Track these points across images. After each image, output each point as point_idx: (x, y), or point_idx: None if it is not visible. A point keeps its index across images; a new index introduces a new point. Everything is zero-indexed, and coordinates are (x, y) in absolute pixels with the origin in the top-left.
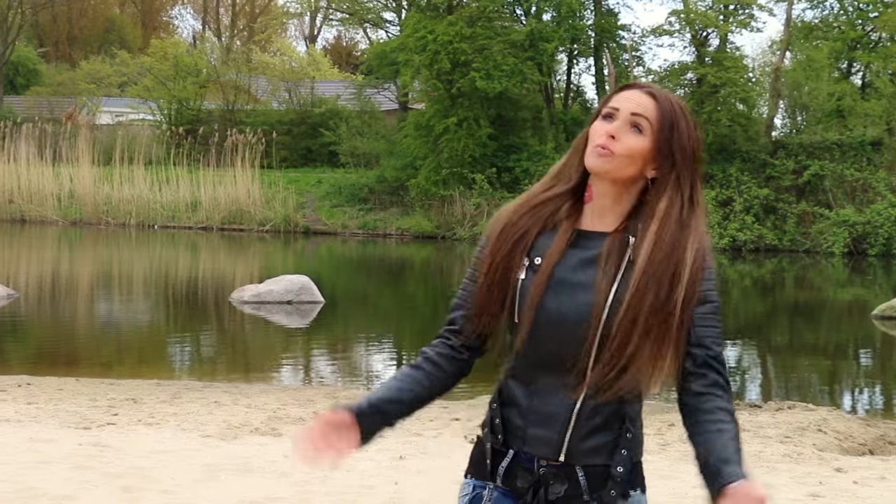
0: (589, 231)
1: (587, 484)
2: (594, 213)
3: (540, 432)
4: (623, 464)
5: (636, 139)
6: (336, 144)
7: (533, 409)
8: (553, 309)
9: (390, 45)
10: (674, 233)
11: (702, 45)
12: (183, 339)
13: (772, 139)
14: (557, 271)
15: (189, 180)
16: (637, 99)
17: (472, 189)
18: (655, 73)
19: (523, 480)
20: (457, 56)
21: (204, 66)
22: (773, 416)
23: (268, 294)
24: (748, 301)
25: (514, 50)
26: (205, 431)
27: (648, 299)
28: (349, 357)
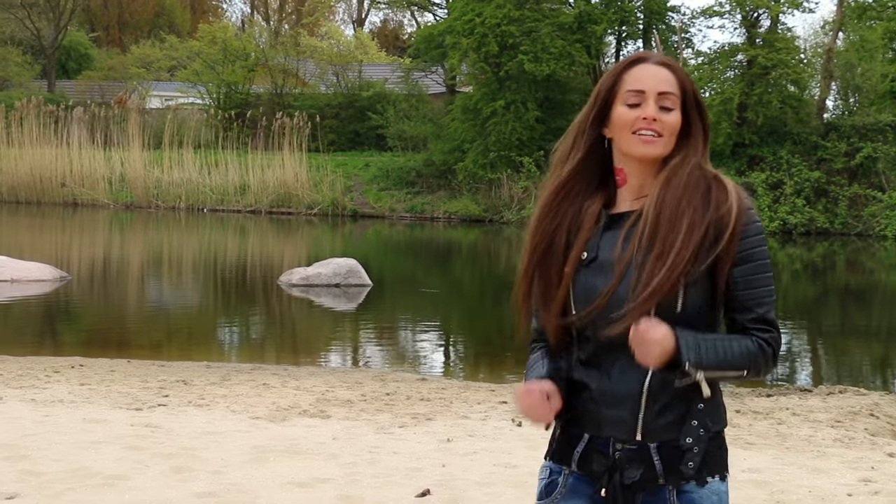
0: (623, 213)
1: (662, 467)
2: (630, 192)
3: (614, 414)
4: (692, 435)
5: (671, 116)
6: (383, 128)
7: (604, 392)
8: (602, 291)
9: (438, 27)
10: (685, 186)
11: (752, 26)
12: (232, 322)
13: (823, 121)
14: (601, 255)
15: (238, 164)
16: (657, 75)
17: (520, 172)
18: (705, 55)
19: (599, 465)
20: (504, 39)
21: (252, 50)
22: (824, 401)
23: (316, 277)
24: (798, 285)
25: (562, 32)
26: (254, 413)
27: (677, 254)
28: (396, 340)
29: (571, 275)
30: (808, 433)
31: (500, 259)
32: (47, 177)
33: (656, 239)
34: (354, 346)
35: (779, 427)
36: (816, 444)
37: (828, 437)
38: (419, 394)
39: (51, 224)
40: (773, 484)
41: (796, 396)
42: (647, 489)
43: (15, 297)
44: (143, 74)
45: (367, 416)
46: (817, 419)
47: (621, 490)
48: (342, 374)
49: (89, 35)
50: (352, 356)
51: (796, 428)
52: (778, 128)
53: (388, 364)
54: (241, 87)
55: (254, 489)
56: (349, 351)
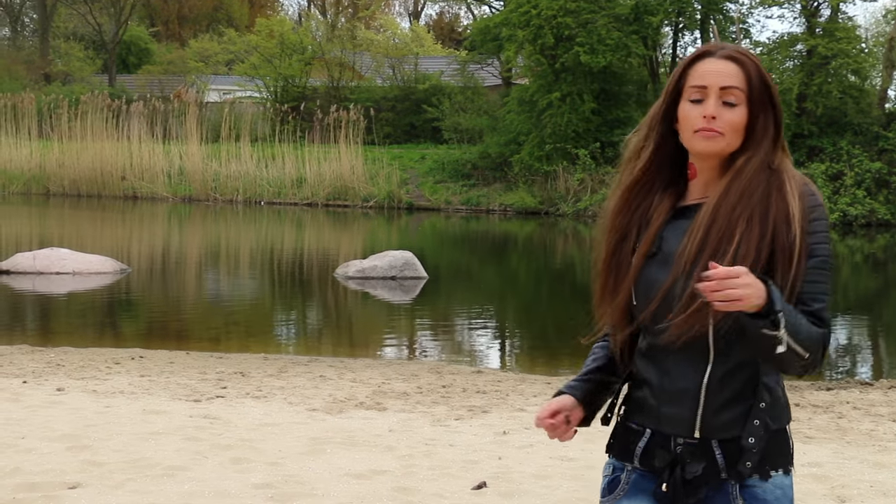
0: (691, 204)
1: (724, 461)
2: (701, 185)
3: (673, 410)
4: (755, 434)
5: (734, 113)
6: (439, 120)
7: (664, 388)
8: (664, 283)
9: (493, 20)
10: (750, 180)
11: (812, 15)
12: (289, 314)
13: (885, 111)
14: (665, 248)
15: (294, 157)
16: (721, 69)
17: (576, 164)
18: (764, 45)
19: (660, 460)
20: (560, 30)
21: (309, 44)
22: (886, 395)
23: (372, 270)
24: (859, 277)
25: (618, 24)
26: (311, 405)
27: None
28: (452, 333)
29: (638, 267)
30: (869, 427)
31: (556, 252)
32: (108, 170)
33: (705, 249)
34: (410, 339)
35: (839, 421)
36: (878, 439)
37: (889, 432)
38: (475, 386)
39: (111, 217)
40: (833, 478)
41: (857, 390)
42: (709, 484)
43: (77, 290)
44: (201, 68)
45: (423, 408)
46: (879, 413)
47: (682, 485)
48: (398, 366)
49: (149, 30)
50: (408, 348)
51: (857, 422)
52: (838, 118)
53: (444, 356)
54: (297, 80)
55: (311, 481)
56: (405, 343)
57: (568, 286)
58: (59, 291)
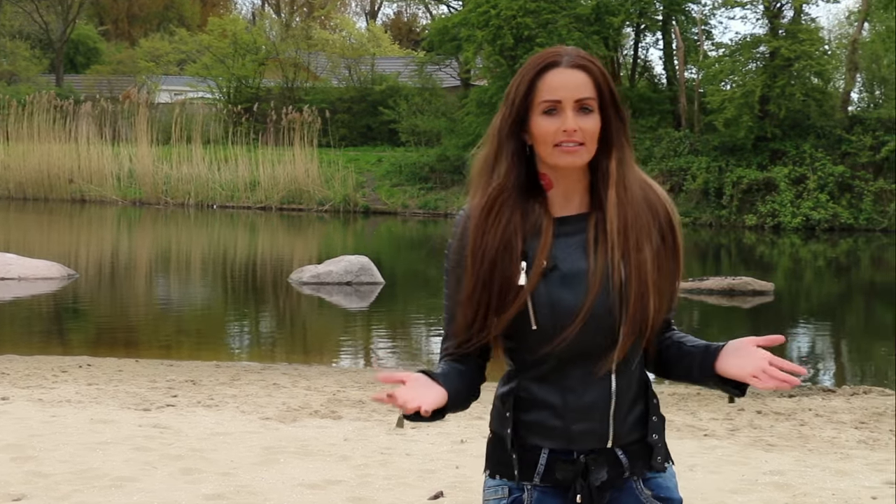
0: (568, 216)
1: (628, 461)
2: (561, 196)
3: (585, 426)
4: (656, 430)
5: (590, 121)
6: (396, 122)
7: (570, 406)
8: (572, 303)
9: (452, 20)
10: (631, 189)
11: (775, 16)
12: (241, 321)
13: (848, 114)
14: (562, 265)
15: (248, 159)
16: (573, 81)
17: None
18: (726, 47)
19: (564, 472)
20: (520, 31)
21: (263, 44)
22: (848, 401)
23: (327, 275)
24: (822, 282)
25: (579, 24)
26: (264, 414)
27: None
28: (409, 339)
29: (534, 286)
30: (831, 435)
31: None
32: (55, 173)
33: (619, 264)
34: (366, 346)
35: (801, 428)
36: (840, 446)
37: (852, 439)
38: None
39: (58, 221)
40: (795, 487)
41: (819, 397)
42: (614, 486)
43: (22, 296)
44: (151, 69)
45: (379, 416)
46: (841, 420)
47: (590, 493)
48: (354, 373)
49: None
50: (364, 356)
51: (819, 429)
52: (801, 121)
53: (401, 364)
54: (251, 81)
55: (264, 491)
56: (361, 350)
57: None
58: (3, 297)
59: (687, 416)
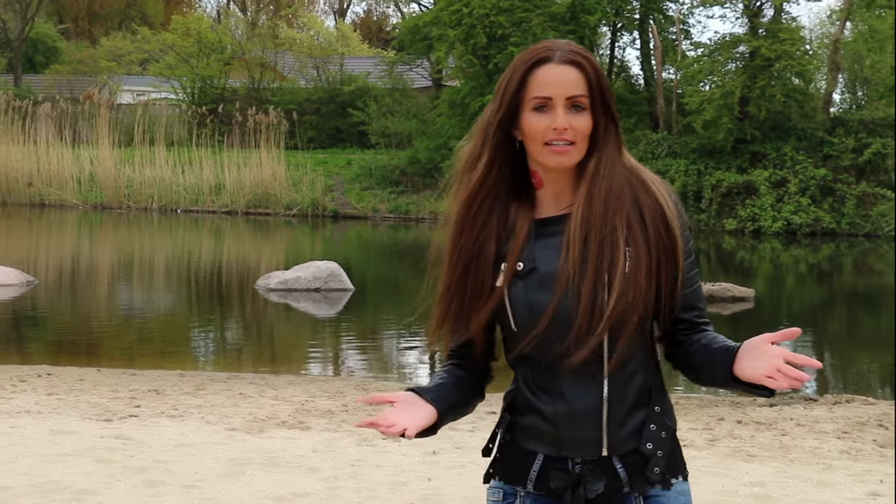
0: (551, 217)
1: (627, 475)
2: (551, 196)
3: (576, 434)
4: (653, 439)
5: (581, 119)
6: (366, 124)
7: (560, 412)
8: (549, 305)
9: (423, 18)
10: (610, 182)
11: (755, 15)
12: (207, 329)
13: (830, 116)
14: (541, 266)
15: (213, 162)
16: (564, 78)
17: None
18: (704, 47)
19: (558, 481)
20: (493, 30)
21: (228, 43)
22: (830, 411)
23: (295, 281)
24: (803, 288)
25: (554, 23)
26: (230, 424)
27: (616, 259)
28: (379, 347)
29: (513, 289)
30: (813, 445)
31: None
32: (13, 176)
33: (587, 261)
34: (335, 354)
35: (782, 438)
36: (822, 457)
37: (834, 449)
38: None
39: (17, 226)
40: (776, 498)
41: (801, 406)
42: (611, 500)
43: None
44: (113, 68)
45: (348, 427)
46: (823, 430)
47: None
48: (322, 382)
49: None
50: (333, 364)
51: (801, 439)
52: (782, 123)
53: (371, 372)
54: (216, 81)
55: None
56: (330, 359)
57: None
58: None
59: None
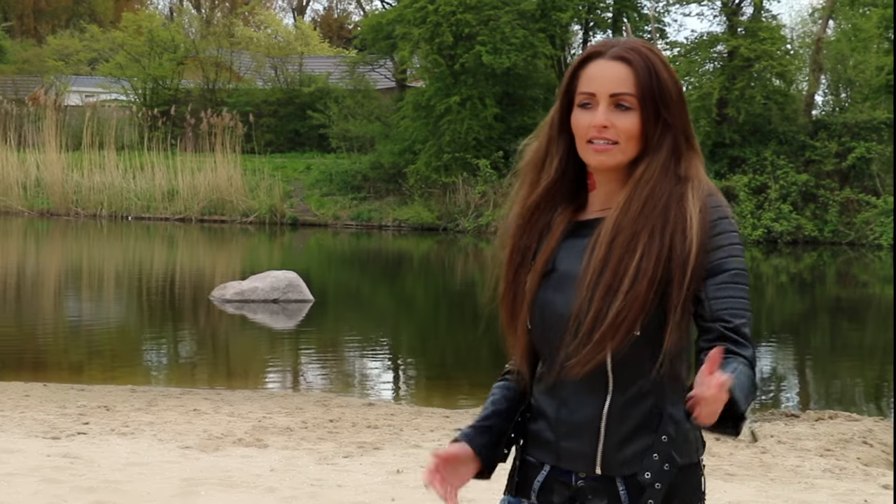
0: (589, 219)
1: (629, 500)
2: (604, 198)
3: (572, 444)
4: (652, 469)
5: (627, 119)
6: (327, 127)
7: (562, 421)
8: (560, 306)
9: (386, 16)
10: (652, 188)
11: (734, 13)
12: (159, 342)
13: (812, 118)
14: (560, 267)
15: (165, 167)
16: (609, 74)
17: (477, 176)
18: (681, 46)
19: (560, 496)
20: (460, 28)
21: (181, 41)
22: (813, 427)
23: (252, 292)
24: (784, 299)
25: (523, 21)
26: (183, 442)
27: (628, 271)
28: (341, 361)
29: (534, 289)
30: (794, 463)
31: (455, 272)
32: None
33: (607, 267)
34: (294, 368)
35: (763, 456)
36: (804, 475)
37: (816, 468)
38: (366, 420)
39: None
40: None
41: (782, 423)
42: None
43: None
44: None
45: (308, 444)
46: (805, 447)
47: None
48: (281, 398)
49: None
50: (291, 379)
51: (782, 457)
52: (762, 126)
53: (332, 388)
54: (168, 81)
55: None
56: (288, 373)
57: (468, 310)
58: None
59: None
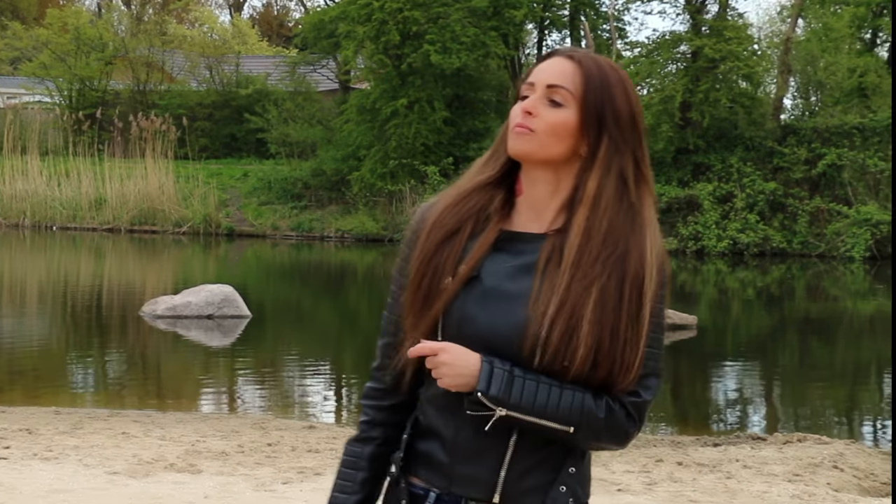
0: (522, 232)
1: None
2: (528, 208)
3: (470, 469)
4: (560, 502)
5: (555, 113)
6: (265, 131)
7: (460, 443)
8: (484, 324)
9: (329, 13)
10: (611, 219)
11: (698, 11)
12: (86, 361)
13: (780, 123)
14: (486, 279)
15: (92, 174)
16: (554, 68)
17: (425, 183)
18: (642, 46)
19: None
20: (407, 26)
21: (110, 40)
22: (781, 451)
23: (185, 307)
24: (751, 315)
25: (475, 19)
26: (111, 468)
27: (585, 305)
28: (280, 381)
29: (451, 297)
30: (761, 489)
31: None
32: None
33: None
34: (230, 389)
35: (728, 482)
36: (771, 502)
37: (784, 494)
38: (306, 444)
39: None
40: None
41: (748, 446)
42: None
43: None
44: None
45: (244, 470)
46: (772, 472)
47: None
48: (215, 421)
49: None
50: (227, 400)
51: (748, 483)
52: (727, 131)
53: (270, 409)
54: (96, 82)
55: None
56: (224, 394)
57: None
58: None
59: (598, 468)
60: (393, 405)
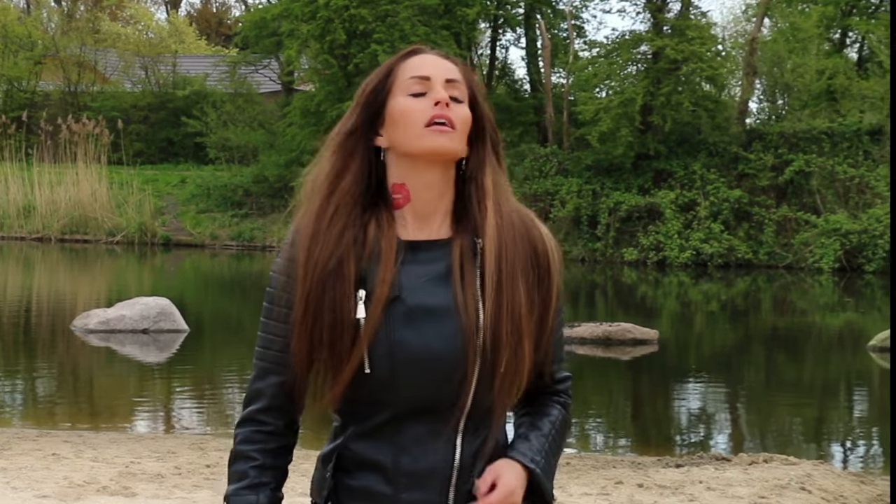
0: (422, 241)
1: None
2: (415, 216)
3: (417, 496)
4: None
5: (462, 108)
6: (204, 135)
7: (403, 471)
8: (418, 346)
9: (271, 11)
10: (510, 213)
11: (659, 10)
12: (13, 377)
13: (746, 128)
14: (407, 298)
15: (20, 180)
16: (440, 64)
17: None
18: (601, 46)
19: None
20: (354, 24)
21: (39, 38)
22: (746, 472)
23: (118, 321)
24: (714, 329)
25: (425, 17)
26: (40, 490)
27: (520, 302)
28: (219, 399)
29: (376, 323)
30: None
31: None
32: None
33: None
34: (166, 407)
35: None
36: None
37: None
38: None
39: None
40: None
41: (712, 467)
42: None
43: None
44: None
45: (181, 493)
46: (737, 494)
47: None
48: (151, 441)
49: None
50: (163, 419)
51: None
52: (690, 136)
53: (209, 429)
54: (24, 83)
55: None
56: (160, 413)
57: None
58: None
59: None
60: (279, 447)
